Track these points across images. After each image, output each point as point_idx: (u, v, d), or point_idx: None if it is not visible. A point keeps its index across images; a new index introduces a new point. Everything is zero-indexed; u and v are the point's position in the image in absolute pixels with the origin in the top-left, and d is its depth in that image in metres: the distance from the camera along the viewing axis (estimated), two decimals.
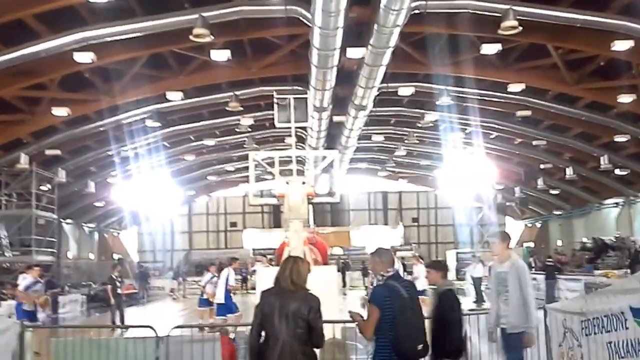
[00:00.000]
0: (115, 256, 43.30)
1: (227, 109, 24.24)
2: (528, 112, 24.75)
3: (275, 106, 12.97)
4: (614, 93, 21.57)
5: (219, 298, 15.54)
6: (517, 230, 49.20)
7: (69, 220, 36.99)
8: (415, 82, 23.14)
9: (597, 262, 26.75)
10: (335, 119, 25.49)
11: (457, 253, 40.71)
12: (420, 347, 5.62)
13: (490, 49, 18.83)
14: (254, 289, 32.95)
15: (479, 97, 24.34)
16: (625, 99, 21.26)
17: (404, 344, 5.49)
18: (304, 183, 11.34)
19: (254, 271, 17.57)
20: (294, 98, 12.62)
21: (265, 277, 9.72)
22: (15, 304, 13.70)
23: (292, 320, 5.19)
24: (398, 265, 17.93)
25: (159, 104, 23.34)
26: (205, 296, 17.08)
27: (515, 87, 21.64)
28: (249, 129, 28.41)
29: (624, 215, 34.31)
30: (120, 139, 26.66)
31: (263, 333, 5.35)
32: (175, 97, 21.58)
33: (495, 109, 26.55)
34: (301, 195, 11.03)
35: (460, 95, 24.06)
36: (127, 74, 20.23)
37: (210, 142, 30.78)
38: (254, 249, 46.63)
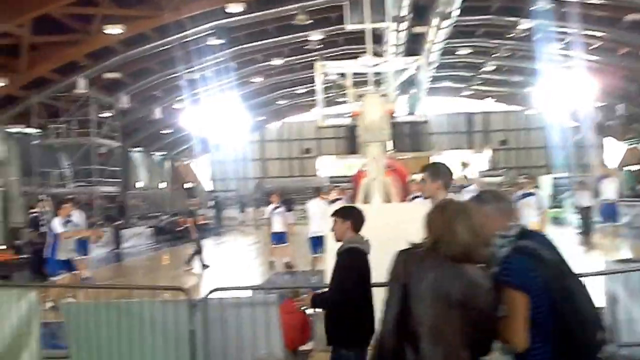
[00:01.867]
0: (187, 185, 42.43)
1: (294, 23, 21.72)
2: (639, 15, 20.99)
3: (347, 3, 10.40)
4: None
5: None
6: (618, 153, 45.22)
7: (137, 149, 35.93)
8: None
9: None
10: (416, 29, 22.51)
11: (554, 178, 37.20)
12: (600, 334, 3.17)
13: None
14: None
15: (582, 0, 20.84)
16: None
17: (582, 338, 3.05)
18: (383, 96, 8.92)
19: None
20: None
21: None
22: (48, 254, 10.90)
23: (461, 314, 2.91)
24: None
25: (221, 19, 21.06)
26: (278, 229, 15.12)
27: None
28: (320, 46, 25.77)
29: None
30: (184, 60, 24.62)
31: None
32: (236, 9, 19.10)
33: (600, 13, 22.92)
34: (380, 111, 8.60)
35: None
36: None
37: (278, 61, 28.42)
38: (329, 177, 44.94)
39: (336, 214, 5.13)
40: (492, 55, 30.40)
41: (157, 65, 25.51)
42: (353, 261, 4.89)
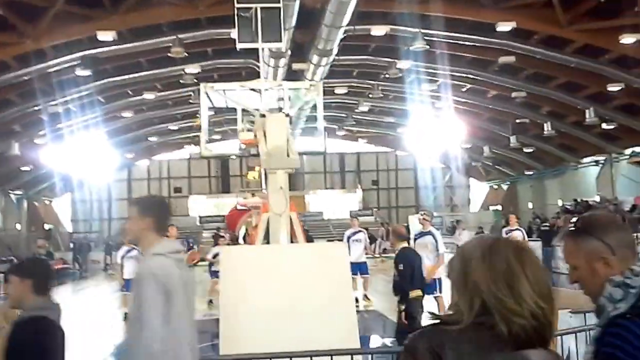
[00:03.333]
0: (47, 227, 39.31)
1: (169, 55, 20.58)
2: (512, 58, 21.95)
3: (236, 20, 9.62)
4: (613, 34, 18.86)
5: None
6: (481, 193, 47.28)
7: None
8: (386, 23, 19.98)
9: None
10: (295, 66, 22.17)
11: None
12: None
13: None
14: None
15: (457, 42, 21.48)
16: (628, 39, 18.57)
17: None
18: (287, 116, 7.92)
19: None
20: (262, 8, 9.20)
21: (234, 262, 6.68)
22: None
23: None
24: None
25: (89, 49, 19.53)
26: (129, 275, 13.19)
27: (504, 27, 18.74)
28: (195, 80, 24.68)
29: (605, 174, 32.06)
30: (47, 92, 22.70)
31: None
32: (107, 38, 17.74)
33: (473, 56, 23.80)
34: (284, 134, 7.46)
35: (436, 38, 21.06)
36: (50, 10, 16.46)
37: (150, 95, 26.98)
38: (200, 217, 43.46)
39: (13, 270, 3.68)
40: (367, 96, 30.74)
41: (17, 97, 23.36)
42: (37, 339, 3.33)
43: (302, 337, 5.33)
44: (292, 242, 7.37)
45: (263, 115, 7.74)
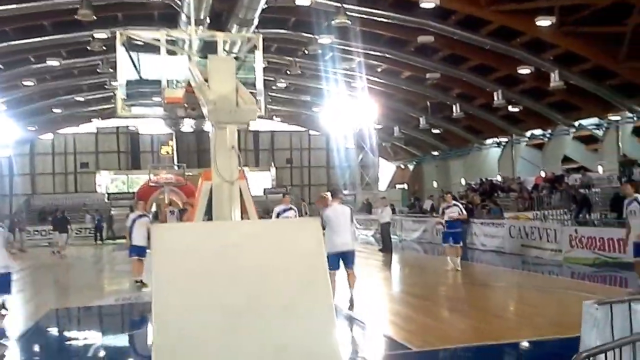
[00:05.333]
0: None
1: (76, 18, 19.33)
2: (430, 38, 22.15)
3: None
4: (529, 16, 19.35)
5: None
6: (389, 172, 48.09)
7: None
8: None
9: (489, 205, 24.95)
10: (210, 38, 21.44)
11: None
12: None
13: None
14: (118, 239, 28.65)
15: (378, 19, 21.47)
16: (544, 22, 19.10)
17: None
18: (237, 58, 6.93)
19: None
20: None
21: (170, 245, 4.76)
22: None
23: None
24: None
25: None
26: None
27: (428, 4, 18.76)
28: (104, 48, 23.46)
29: (507, 156, 33.35)
30: None
31: None
32: None
33: (391, 35, 23.89)
34: (232, 79, 5.74)
35: (357, 14, 20.95)
36: None
37: (54, 62, 25.40)
38: (109, 194, 41.88)
39: None
40: (284, 73, 30.35)
41: None
42: None
43: (265, 344, 4.34)
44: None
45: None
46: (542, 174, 27.50)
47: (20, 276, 18.21)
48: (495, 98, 26.85)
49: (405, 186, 44.70)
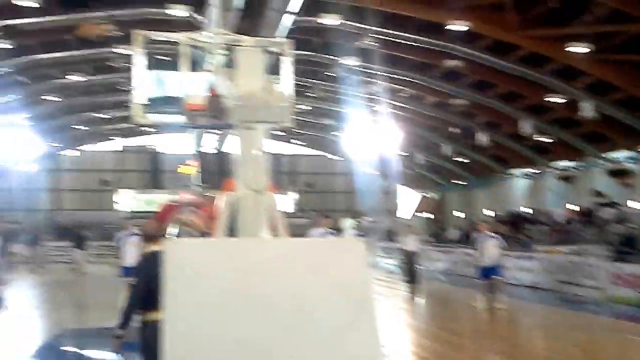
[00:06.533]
0: None
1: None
2: (457, 62, 21.72)
3: None
4: (560, 42, 18.79)
5: None
6: (411, 200, 47.40)
7: None
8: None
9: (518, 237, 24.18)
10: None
11: (357, 222, 37.62)
12: None
13: None
14: None
15: (404, 41, 21.09)
16: (575, 48, 18.51)
17: None
18: (267, 52, 6.13)
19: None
20: None
21: (185, 263, 4.05)
22: None
23: None
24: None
25: (11, 18, 17.99)
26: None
27: (456, 26, 18.33)
28: (126, 65, 23.33)
29: (534, 187, 32.45)
30: None
31: None
32: (28, 3, 16.30)
33: (417, 59, 23.48)
34: (263, 72, 5.21)
35: (383, 37, 20.62)
36: None
37: (78, 78, 25.37)
38: (129, 212, 41.68)
39: None
40: (306, 96, 30.06)
41: None
42: None
43: None
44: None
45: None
46: (572, 207, 26.59)
47: (37, 292, 17.94)
48: (523, 127, 26.15)
49: (428, 215, 43.94)
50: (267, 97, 4.83)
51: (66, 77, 25.39)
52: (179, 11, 17.66)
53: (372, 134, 34.00)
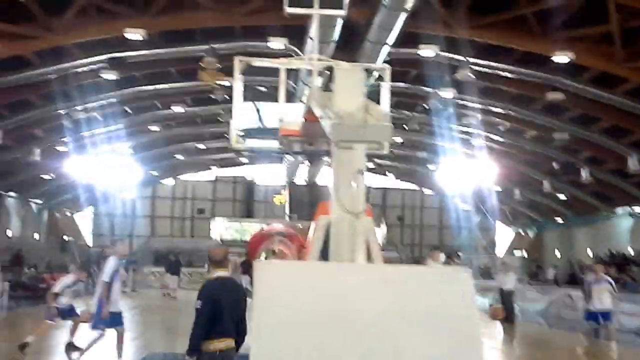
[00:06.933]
0: (66, 238, 38.64)
1: (201, 65, 19.79)
2: (560, 95, 20.80)
3: None
4: None
5: None
6: (506, 237, 45.89)
7: (11, 194, 32.19)
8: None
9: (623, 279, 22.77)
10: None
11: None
12: None
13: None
14: None
15: (504, 73, 20.49)
16: None
17: None
18: (366, 71, 6.00)
19: None
20: None
21: (275, 287, 3.94)
22: None
23: None
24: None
25: (117, 51, 18.80)
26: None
27: (560, 58, 17.61)
28: (226, 97, 23.90)
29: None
30: (70, 95, 22.11)
31: None
32: (136, 37, 16.96)
33: (518, 91, 22.77)
34: (360, 93, 4.91)
35: (482, 68, 20.12)
36: (75, 2, 15.80)
37: (179, 109, 26.25)
38: (222, 240, 42.53)
39: None
40: (401, 128, 29.74)
41: (38, 98, 22.68)
42: None
43: None
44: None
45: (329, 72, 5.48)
46: None
47: (129, 315, 18.34)
48: (629, 163, 24.73)
49: (524, 253, 42.30)
50: (366, 116, 4.60)
51: (168, 108, 26.25)
52: (278, 44, 17.89)
53: (467, 168, 33.24)
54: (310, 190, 41.57)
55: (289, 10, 8.65)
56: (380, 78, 7.30)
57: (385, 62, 18.45)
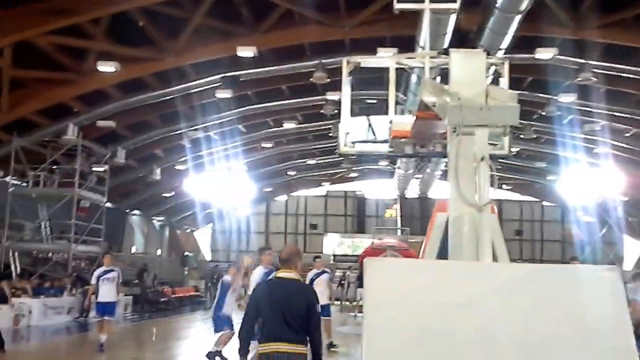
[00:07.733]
0: (186, 254, 40.09)
1: (311, 81, 19.92)
2: None
3: None
4: None
5: None
6: (634, 251, 42.87)
7: (135, 212, 33.78)
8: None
9: None
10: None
11: None
12: None
13: None
14: None
15: (627, 75, 19.14)
16: None
17: None
18: (488, 53, 5.49)
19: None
20: None
21: (388, 285, 3.59)
22: None
23: None
24: None
25: (229, 70, 19.23)
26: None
27: None
28: (335, 111, 23.90)
29: None
30: (188, 115, 22.91)
31: None
32: (247, 54, 17.27)
33: None
34: (482, 74, 4.64)
35: (602, 70, 18.89)
36: (190, 22, 16.30)
37: (290, 125, 26.59)
38: (334, 255, 42.65)
39: None
40: (517, 138, 28.53)
41: (157, 119, 23.64)
42: None
43: None
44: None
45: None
46: None
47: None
48: None
49: None
50: (488, 99, 4.20)
51: (279, 125, 26.63)
52: (386, 55, 17.61)
53: (591, 178, 31.40)
54: (421, 204, 40.91)
55: (398, 5, 8.41)
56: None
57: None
